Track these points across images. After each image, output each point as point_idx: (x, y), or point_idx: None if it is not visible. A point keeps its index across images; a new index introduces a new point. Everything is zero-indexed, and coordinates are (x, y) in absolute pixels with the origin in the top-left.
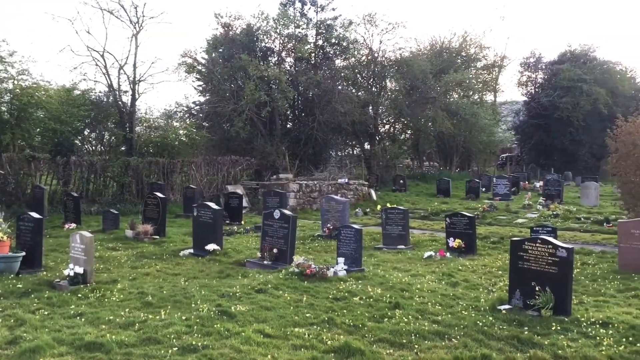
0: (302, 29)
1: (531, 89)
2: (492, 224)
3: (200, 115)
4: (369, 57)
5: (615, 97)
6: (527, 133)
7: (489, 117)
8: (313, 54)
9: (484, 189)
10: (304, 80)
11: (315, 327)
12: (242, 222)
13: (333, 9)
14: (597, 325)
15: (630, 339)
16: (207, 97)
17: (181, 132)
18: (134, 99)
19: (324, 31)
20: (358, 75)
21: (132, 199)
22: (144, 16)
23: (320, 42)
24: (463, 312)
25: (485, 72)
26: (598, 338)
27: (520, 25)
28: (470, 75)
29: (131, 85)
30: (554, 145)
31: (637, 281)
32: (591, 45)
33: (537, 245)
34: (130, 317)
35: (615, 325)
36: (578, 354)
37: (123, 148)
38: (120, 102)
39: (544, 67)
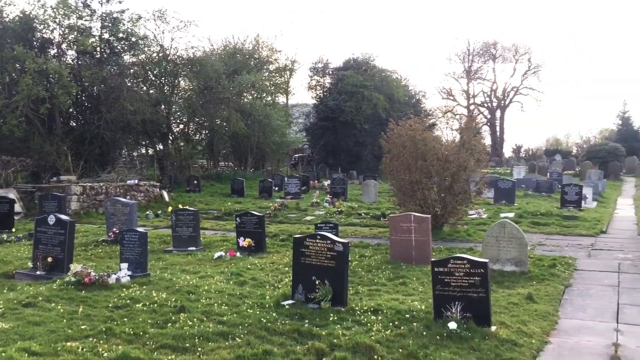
0: (86, 20)
1: (320, 93)
2: (282, 222)
3: None
4: (160, 55)
5: (392, 103)
6: (317, 134)
7: (282, 118)
8: (98, 48)
9: (276, 188)
10: (88, 75)
11: (91, 339)
12: (14, 230)
13: (120, 2)
14: (369, 313)
15: (396, 323)
16: None
17: None
18: None
19: (110, 24)
20: (149, 73)
21: None
22: None
23: (106, 36)
24: (248, 310)
25: (277, 74)
26: (369, 325)
27: (309, 31)
28: (263, 77)
29: None
30: (341, 146)
31: (404, 270)
32: (371, 54)
33: (317, 241)
34: None
35: (385, 311)
36: (351, 341)
37: None
38: None
39: (331, 72)
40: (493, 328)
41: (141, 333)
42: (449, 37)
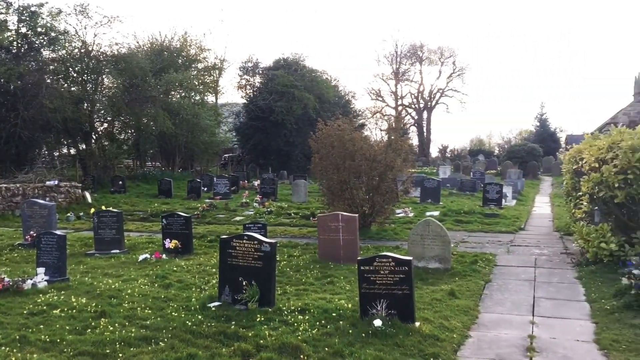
0: (1, 13)
1: (250, 92)
2: (211, 223)
3: None
4: (82, 51)
5: (322, 103)
6: (247, 134)
7: (211, 118)
8: (15, 43)
9: (205, 189)
10: (3, 71)
11: (3, 348)
12: None
13: None
14: (297, 313)
15: (323, 322)
16: None
17: None
18: None
19: (27, 18)
20: (70, 69)
21: None
22: None
23: (23, 30)
24: (173, 313)
25: (206, 73)
26: (296, 324)
27: (239, 30)
28: (192, 76)
29: None
30: (271, 146)
31: (332, 269)
32: (301, 55)
33: (244, 241)
34: None
35: (312, 310)
36: (277, 341)
37: None
38: None
39: (261, 72)
40: (417, 324)
41: (58, 340)
42: (378, 39)
